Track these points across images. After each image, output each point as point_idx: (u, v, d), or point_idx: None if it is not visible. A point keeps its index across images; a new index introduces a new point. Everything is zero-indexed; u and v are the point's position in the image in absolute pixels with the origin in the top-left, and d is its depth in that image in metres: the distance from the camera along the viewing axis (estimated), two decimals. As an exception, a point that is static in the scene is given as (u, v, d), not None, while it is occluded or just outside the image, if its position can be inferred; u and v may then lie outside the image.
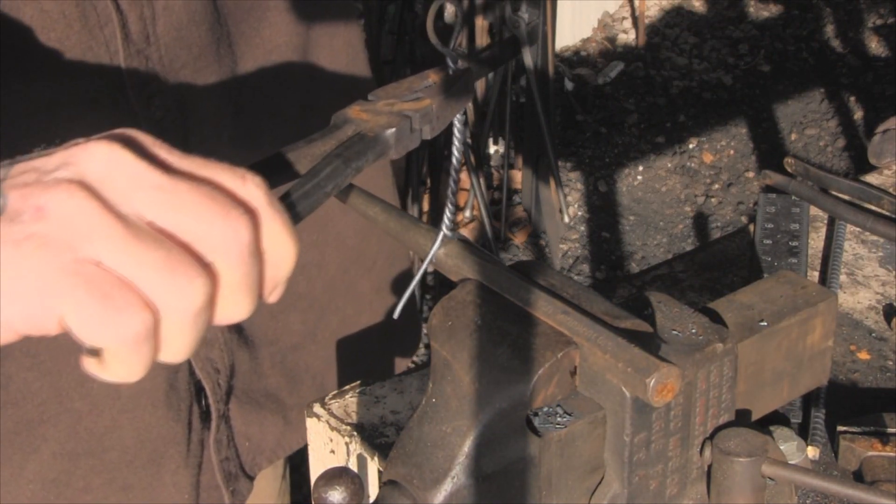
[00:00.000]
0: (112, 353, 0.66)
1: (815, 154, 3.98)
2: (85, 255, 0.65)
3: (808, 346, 0.92)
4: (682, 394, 0.81)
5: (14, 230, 0.65)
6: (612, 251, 3.61)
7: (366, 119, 0.83)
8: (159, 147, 0.70)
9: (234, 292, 0.68)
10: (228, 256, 0.67)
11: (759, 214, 1.33)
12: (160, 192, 0.67)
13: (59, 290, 0.64)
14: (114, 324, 0.65)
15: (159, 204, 0.67)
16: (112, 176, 0.66)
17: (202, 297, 0.66)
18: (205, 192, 0.67)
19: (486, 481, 0.78)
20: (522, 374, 0.77)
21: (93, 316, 0.65)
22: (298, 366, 1.31)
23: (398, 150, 0.82)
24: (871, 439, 1.02)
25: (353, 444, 1.06)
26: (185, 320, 0.66)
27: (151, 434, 1.19)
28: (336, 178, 0.78)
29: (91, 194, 0.65)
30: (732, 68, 4.45)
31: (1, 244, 0.65)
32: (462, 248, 0.87)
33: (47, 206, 0.65)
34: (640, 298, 0.86)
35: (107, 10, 1.04)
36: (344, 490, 0.78)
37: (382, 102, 0.85)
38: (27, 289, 0.65)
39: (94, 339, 0.66)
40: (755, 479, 0.82)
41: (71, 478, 1.17)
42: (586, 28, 4.62)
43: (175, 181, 0.67)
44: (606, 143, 4.03)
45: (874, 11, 4.68)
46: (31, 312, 0.65)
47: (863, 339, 1.19)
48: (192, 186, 0.67)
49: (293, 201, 0.74)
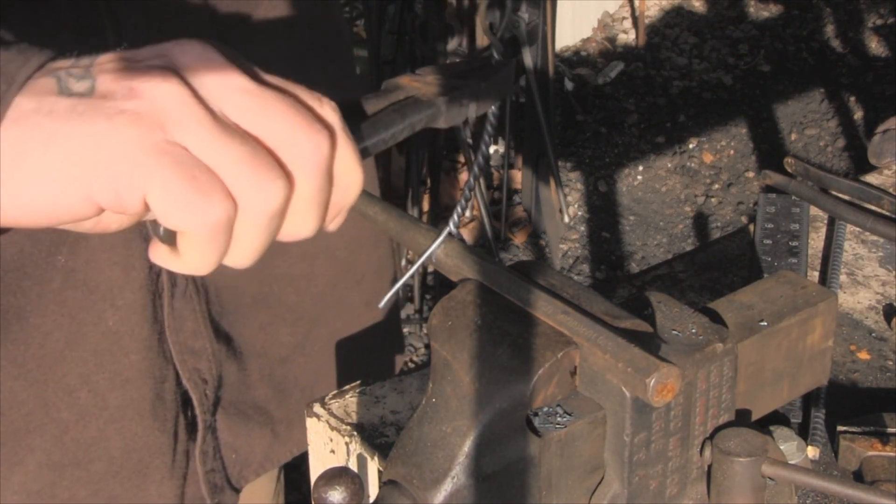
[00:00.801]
0: (189, 239, 0.66)
1: (815, 154, 3.98)
2: (175, 138, 0.65)
3: (808, 346, 0.92)
4: (682, 394, 0.81)
5: (107, 105, 0.65)
6: (612, 251, 3.61)
7: (417, 86, 0.84)
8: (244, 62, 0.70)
9: (306, 206, 0.69)
10: (307, 167, 0.68)
11: (759, 214, 1.33)
12: (249, 96, 0.67)
13: (148, 167, 0.64)
14: (198, 207, 0.64)
15: (247, 107, 0.67)
16: (204, 72, 0.67)
17: (280, 199, 0.66)
18: (290, 102, 0.68)
19: (486, 481, 0.78)
20: (522, 374, 0.77)
21: (178, 196, 0.64)
22: (287, 378, 1.30)
23: (447, 118, 0.83)
24: (871, 439, 1.02)
25: (353, 444, 1.06)
26: (260, 220, 0.66)
27: (137, 445, 1.18)
28: (393, 128, 0.79)
29: (184, 83, 0.66)
30: (732, 68, 4.45)
31: (93, 117, 0.64)
32: (462, 248, 0.87)
33: (141, 87, 0.65)
34: (640, 298, 0.86)
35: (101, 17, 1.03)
36: (344, 490, 0.78)
37: (432, 76, 0.86)
38: (116, 161, 0.64)
39: (175, 220, 0.65)
40: (755, 479, 0.82)
41: (56, 489, 1.16)
42: (586, 28, 4.63)
43: (262, 88, 0.68)
44: (606, 143, 4.03)
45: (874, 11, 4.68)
46: (117, 186, 0.65)
47: (863, 339, 1.19)
48: (279, 96, 0.68)
49: (363, 135, 0.75)
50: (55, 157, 0.65)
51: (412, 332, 3.19)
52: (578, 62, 4.46)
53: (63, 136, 0.65)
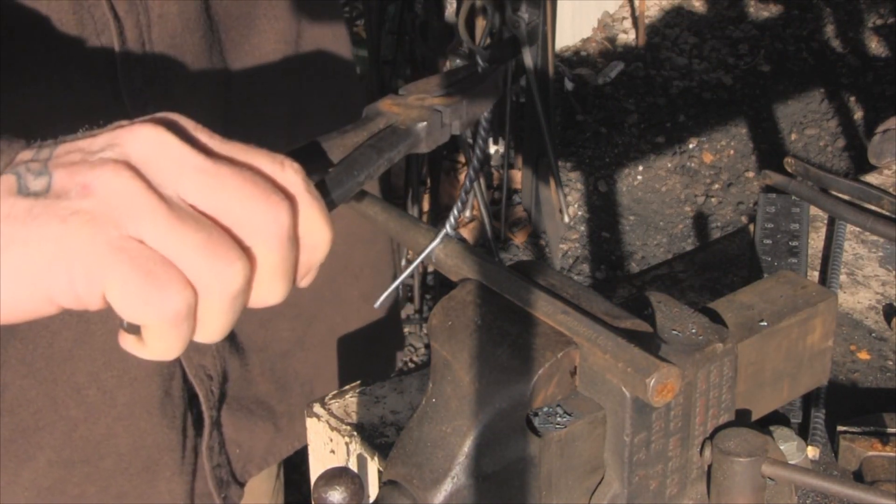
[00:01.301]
0: (152, 330, 0.67)
1: (815, 154, 3.98)
2: (129, 232, 0.66)
3: (808, 346, 0.92)
4: (682, 394, 0.81)
5: (61, 206, 0.66)
6: (612, 251, 3.61)
7: (397, 112, 0.84)
8: (201, 131, 0.71)
9: (271, 276, 0.69)
10: (267, 241, 0.68)
11: (759, 214, 1.33)
12: (203, 175, 0.68)
13: (104, 266, 0.65)
14: (156, 300, 0.65)
15: (202, 187, 0.67)
16: (157, 158, 0.67)
17: (240, 280, 0.67)
18: (246, 176, 0.68)
19: (486, 481, 0.78)
20: (522, 374, 0.77)
21: (136, 292, 0.65)
22: (287, 373, 1.31)
23: (428, 143, 0.83)
24: (871, 439, 1.02)
25: (353, 444, 1.06)
26: (223, 301, 0.67)
27: (146, 441, 1.19)
28: (368, 168, 0.79)
29: (136, 174, 0.66)
30: (732, 68, 4.45)
31: (48, 219, 0.65)
32: (462, 248, 0.87)
33: (93, 183, 0.66)
34: (640, 298, 0.86)
35: (104, 17, 1.03)
36: (344, 490, 0.78)
37: (413, 97, 0.86)
38: (73, 263, 0.65)
39: (135, 315, 0.66)
40: (755, 479, 0.82)
41: (66, 485, 1.17)
42: (586, 28, 4.63)
43: (217, 165, 0.68)
44: (606, 143, 4.03)
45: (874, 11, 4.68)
46: (76, 287, 0.66)
47: (863, 339, 1.19)
48: (234, 170, 0.68)
49: (329, 188, 0.75)
50: (14, 260, 0.66)
51: (412, 332, 3.19)
52: (578, 62, 4.46)
53: (21, 240, 0.66)
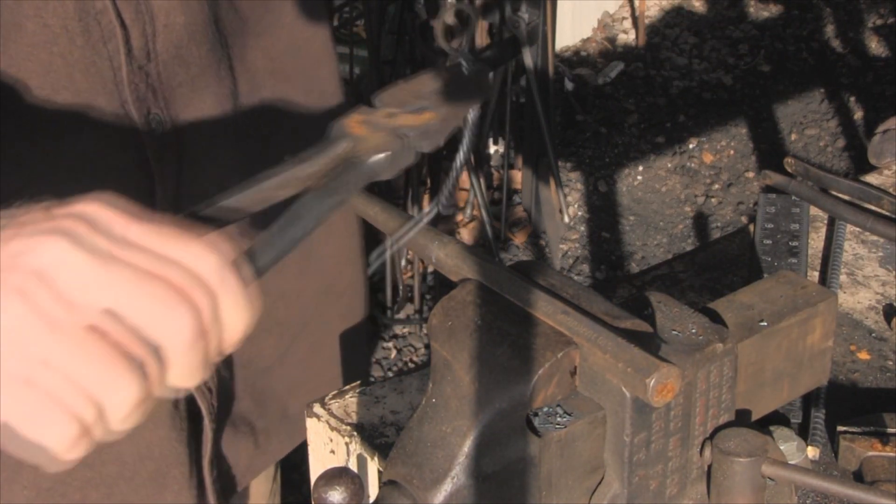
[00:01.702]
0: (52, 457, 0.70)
1: (815, 154, 3.98)
2: (31, 357, 0.68)
3: (808, 346, 0.92)
4: (682, 394, 0.81)
5: None
6: (612, 251, 3.60)
7: (362, 136, 0.81)
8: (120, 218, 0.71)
9: (183, 369, 0.71)
10: (174, 343, 0.70)
11: (759, 214, 1.33)
12: (108, 290, 0.69)
13: (4, 399, 0.67)
14: (52, 431, 0.68)
15: (106, 296, 0.69)
16: (59, 271, 0.69)
17: (136, 393, 0.69)
18: (155, 283, 0.70)
19: (486, 481, 0.78)
20: (522, 374, 0.77)
21: (33, 425, 0.68)
22: (266, 389, 1.31)
23: (391, 171, 0.81)
24: (871, 439, 1.02)
25: (353, 444, 1.06)
26: (122, 412, 0.69)
27: (153, 453, 1.19)
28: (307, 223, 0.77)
29: (32, 304, 0.68)
30: (732, 68, 4.45)
31: None
32: (462, 248, 0.87)
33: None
34: (640, 298, 0.86)
35: (111, 25, 1.03)
36: (344, 490, 0.78)
37: (384, 112, 0.84)
38: None
39: (37, 442, 0.69)
40: (755, 479, 0.82)
41: (67, 488, 1.17)
42: (586, 28, 4.62)
43: (124, 273, 0.69)
44: (606, 143, 4.03)
45: (874, 11, 4.68)
46: None
47: (863, 339, 1.19)
48: (142, 277, 0.70)
49: (256, 255, 0.75)
50: None
51: (412, 332, 3.19)
52: (578, 62, 4.46)
53: None
